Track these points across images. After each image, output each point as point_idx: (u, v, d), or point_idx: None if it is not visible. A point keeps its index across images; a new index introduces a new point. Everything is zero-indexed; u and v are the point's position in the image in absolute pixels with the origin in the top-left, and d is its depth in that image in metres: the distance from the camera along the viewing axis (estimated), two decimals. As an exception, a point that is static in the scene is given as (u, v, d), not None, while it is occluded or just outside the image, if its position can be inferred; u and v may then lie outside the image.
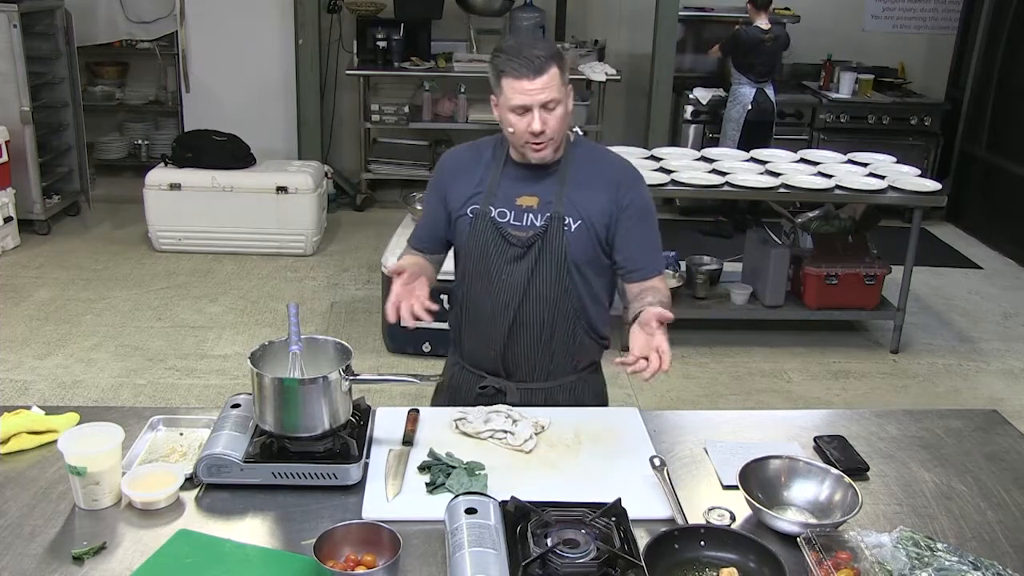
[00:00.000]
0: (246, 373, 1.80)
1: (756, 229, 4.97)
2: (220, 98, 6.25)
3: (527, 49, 1.98)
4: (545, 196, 2.11)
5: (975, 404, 4.11)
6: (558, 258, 2.10)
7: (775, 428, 2.08)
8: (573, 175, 2.13)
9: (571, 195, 2.11)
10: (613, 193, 2.12)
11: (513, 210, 2.12)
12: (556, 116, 2.01)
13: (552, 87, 1.98)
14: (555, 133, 2.03)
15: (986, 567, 1.52)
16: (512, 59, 1.98)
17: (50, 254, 5.47)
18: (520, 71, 1.97)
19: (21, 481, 1.76)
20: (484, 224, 2.12)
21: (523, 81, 1.97)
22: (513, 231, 2.11)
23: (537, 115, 1.99)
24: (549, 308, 2.14)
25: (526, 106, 1.98)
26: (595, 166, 2.16)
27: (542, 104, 1.98)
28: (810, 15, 6.78)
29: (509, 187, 2.13)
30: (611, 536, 1.57)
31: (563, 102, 2.02)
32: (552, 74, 1.98)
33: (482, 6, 6.28)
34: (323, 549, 1.49)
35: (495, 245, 2.12)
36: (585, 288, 2.15)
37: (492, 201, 2.13)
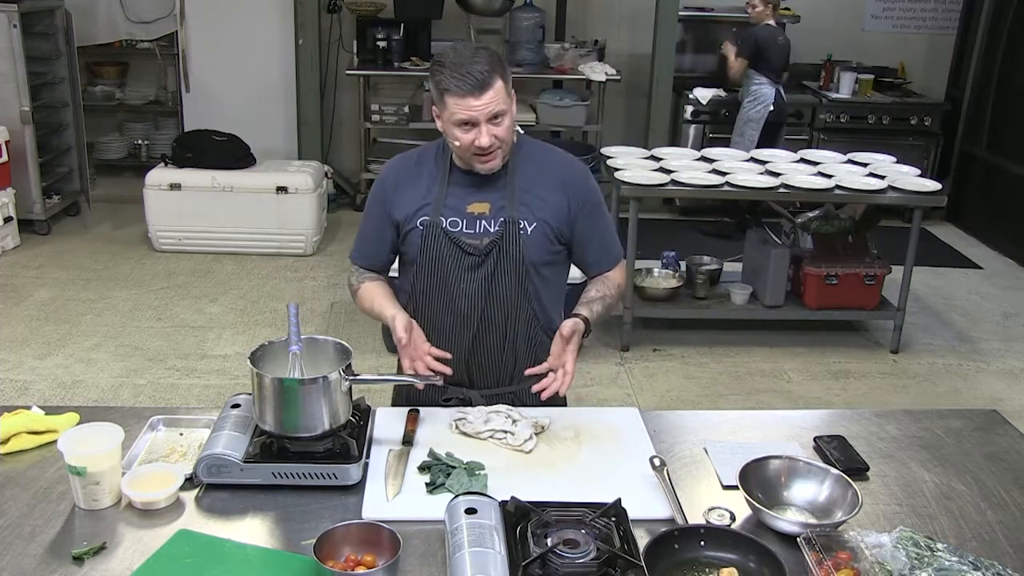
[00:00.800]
0: (246, 373, 1.80)
1: (756, 229, 4.97)
2: (220, 98, 6.25)
3: (468, 64, 1.93)
4: (496, 201, 2.09)
5: (975, 404, 4.11)
6: (516, 262, 2.08)
7: (775, 428, 2.08)
8: (522, 177, 2.10)
9: (522, 197, 2.09)
10: (566, 192, 2.11)
11: (464, 218, 2.09)
12: (503, 127, 1.99)
13: (498, 100, 1.95)
14: (502, 143, 2.01)
15: (986, 567, 1.52)
16: (454, 75, 1.93)
17: (50, 254, 5.48)
18: (464, 88, 1.92)
19: (21, 481, 1.76)
20: (436, 235, 2.08)
21: (468, 98, 1.93)
22: (467, 239, 2.08)
23: (484, 129, 1.96)
24: (510, 312, 2.12)
25: (472, 120, 1.95)
26: (543, 166, 2.13)
27: (488, 118, 1.95)
28: (810, 15, 6.78)
29: (458, 195, 2.10)
30: (611, 536, 1.57)
31: (509, 112, 1.99)
32: (497, 88, 1.95)
33: (482, 6, 6.28)
34: (323, 549, 1.49)
35: (450, 255, 2.09)
36: (543, 287, 2.15)
37: (442, 211, 2.09)
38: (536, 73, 6.38)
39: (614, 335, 4.62)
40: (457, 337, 2.13)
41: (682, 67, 6.77)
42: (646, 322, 4.75)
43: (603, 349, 4.54)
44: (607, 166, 4.64)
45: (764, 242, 4.73)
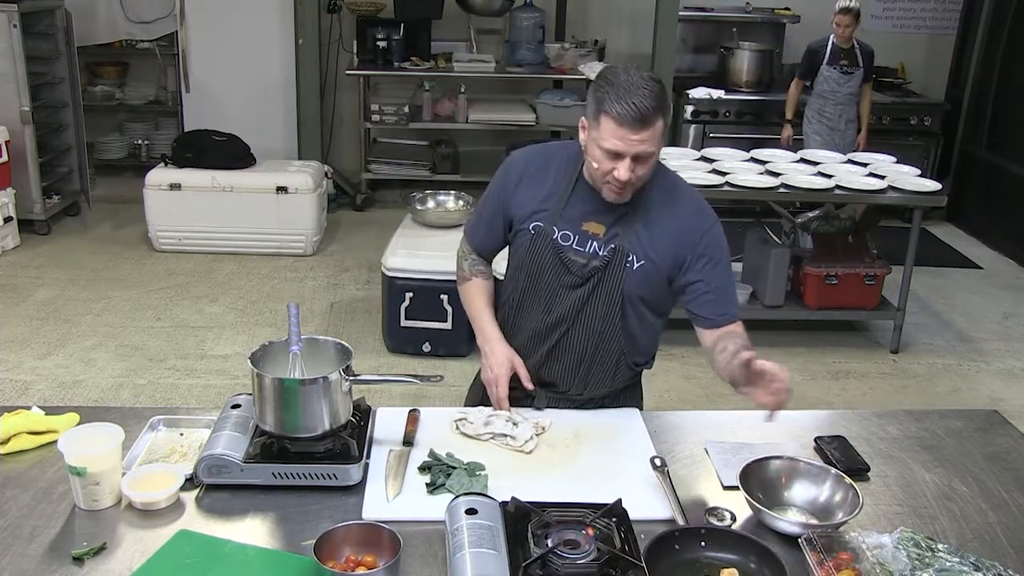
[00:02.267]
0: (246, 373, 1.79)
1: (756, 229, 4.97)
2: (220, 98, 6.24)
3: (638, 93, 1.81)
4: (613, 227, 2.01)
5: (975, 404, 4.11)
6: (613, 293, 2.02)
7: (775, 428, 2.08)
8: (645, 211, 2.00)
9: (640, 232, 2.00)
10: (687, 239, 2.00)
11: (577, 234, 2.02)
12: (647, 167, 1.89)
13: (652, 140, 1.85)
14: (639, 181, 1.92)
15: (987, 568, 1.52)
16: (621, 101, 1.81)
17: (50, 254, 5.47)
18: (625, 118, 1.81)
19: (21, 481, 1.76)
20: (545, 244, 2.03)
21: (625, 129, 1.82)
22: (574, 256, 2.02)
23: (627, 164, 1.86)
24: (594, 339, 2.07)
25: (620, 153, 1.85)
26: (670, 206, 2.02)
27: (636, 156, 1.85)
28: (810, 15, 6.77)
29: (577, 209, 2.02)
30: (612, 537, 1.57)
31: (656, 153, 1.89)
32: (656, 128, 1.84)
33: (482, 6, 6.28)
34: (323, 550, 1.49)
35: (552, 268, 2.04)
36: (637, 324, 2.08)
37: (556, 221, 2.03)
38: (536, 73, 6.37)
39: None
40: (537, 344, 2.09)
41: (682, 67, 6.77)
42: (646, 322, 4.74)
43: (603, 349, 4.53)
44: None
45: (764, 242, 4.72)
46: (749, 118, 6.43)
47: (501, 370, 2.04)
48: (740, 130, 6.36)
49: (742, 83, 6.52)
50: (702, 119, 6.43)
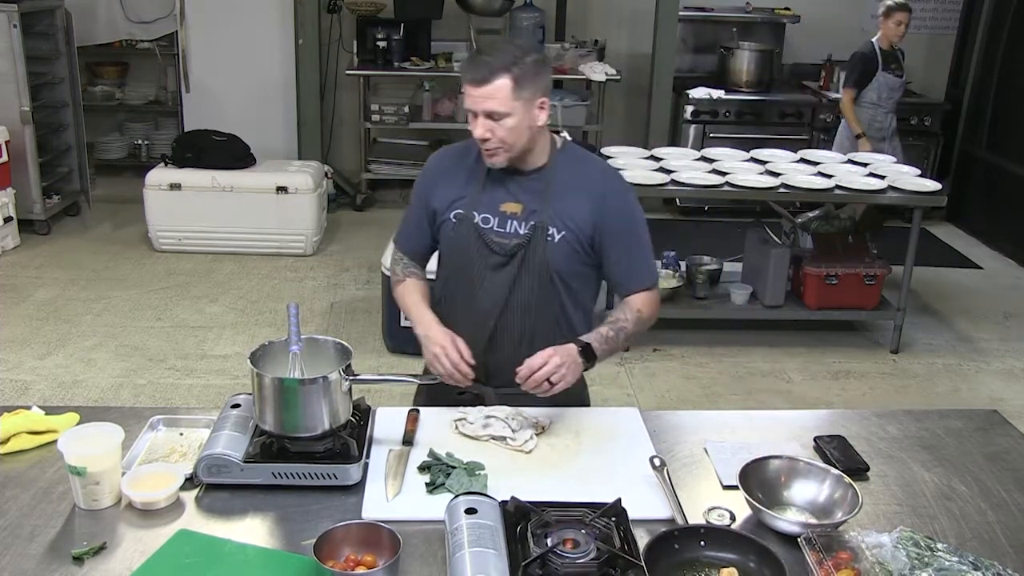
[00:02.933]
0: (246, 373, 1.80)
1: (756, 229, 4.97)
2: (220, 98, 6.24)
3: (483, 56, 1.98)
4: (529, 204, 2.09)
5: (975, 404, 4.11)
6: (540, 268, 2.07)
7: (775, 428, 2.08)
8: (558, 183, 2.09)
9: (555, 204, 2.08)
10: (598, 204, 2.09)
11: (497, 216, 2.09)
12: (504, 127, 1.98)
13: (497, 99, 1.95)
14: (503, 143, 2.00)
15: (986, 567, 1.52)
16: (466, 64, 2.00)
17: (50, 254, 5.47)
18: (467, 77, 1.98)
19: (21, 481, 1.76)
20: (467, 229, 2.10)
21: (470, 87, 1.98)
22: (496, 238, 2.09)
23: (480, 122, 1.98)
24: (530, 317, 2.11)
25: (472, 110, 1.99)
26: (581, 175, 2.12)
27: (486, 113, 1.97)
28: (810, 15, 6.78)
29: (493, 192, 2.10)
30: (611, 536, 1.57)
31: (515, 115, 1.97)
32: (497, 85, 1.94)
33: (482, 6, 6.28)
34: (323, 549, 1.49)
35: (478, 252, 2.10)
36: (568, 296, 2.13)
37: (476, 206, 2.10)
38: (536, 73, 6.36)
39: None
40: (477, 333, 2.11)
41: (682, 67, 6.77)
42: (646, 322, 4.74)
43: (603, 349, 4.53)
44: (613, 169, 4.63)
45: (764, 242, 4.73)
46: (749, 118, 6.43)
47: (444, 340, 2.03)
48: (740, 130, 6.36)
49: (742, 83, 6.53)
50: (702, 119, 6.44)
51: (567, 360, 1.96)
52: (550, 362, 1.94)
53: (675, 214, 6.70)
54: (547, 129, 2.10)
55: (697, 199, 6.16)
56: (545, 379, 1.94)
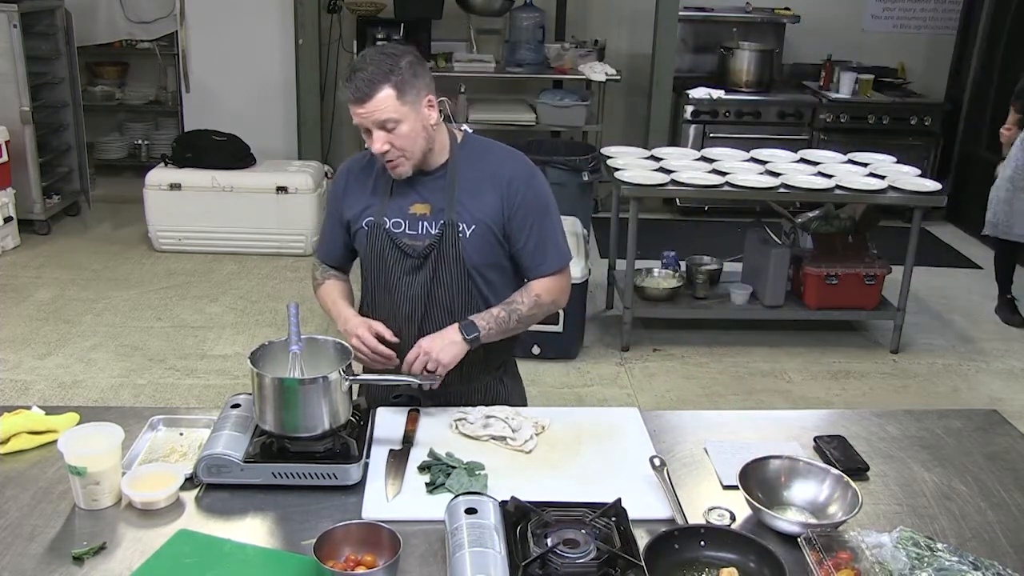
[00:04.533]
0: (246, 373, 1.80)
1: (756, 229, 4.97)
2: (220, 98, 6.24)
3: (359, 73, 1.94)
4: (437, 203, 2.08)
5: (975, 404, 4.11)
6: (456, 265, 2.07)
7: (775, 428, 2.08)
8: (462, 178, 2.09)
9: (462, 199, 2.07)
10: (503, 190, 2.08)
11: (407, 219, 2.09)
12: (401, 135, 1.97)
13: (384, 109, 1.94)
14: (404, 150, 1.99)
15: (986, 567, 1.52)
16: (347, 83, 1.97)
17: (50, 254, 5.47)
18: (351, 95, 1.96)
19: (21, 481, 1.76)
20: (379, 235, 2.10)
21: (354, 106, 1.96)
22: (409, 241, 2.09)
23: (375, 136, 1.97)
24: (453, 315, 2.10)
25: (364, 127, 1.98)
26: (483, 166, 2.11)
27: (377, 125, 1.96)
28: (810, 15, 6.78)
29: (401, 196, 2.10)
30: (611, 536, 1.57)
31: (407, 120, 1.96)
32: (381, 97, 1.93)
33: (482, 6, 6.28)
34: (323, 549, 1.49)
35: (392, 257, 2.10)
36: (489, 290, 2.13)
37: (385, 212, 2.10)
38: (536, 73, 6.37)
39: (614, 335, 4.61)
40: (402, 338, 2.09)
41: (682, 67, 6.77)
42: (646, 322, 4.75)
43: (603, 349, 4.54)
44: (607, 166, 4.64)
45: (764, 242, 4.72)
46: (749, 118, 6.43)
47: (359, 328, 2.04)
48: (740, 130, 6.36)
49: (742, 83, 6.52)
50: (702, 119, 6.44)
51: (437, 345, 2.00)
52: (420, 354, 2.00)
53: (675, 214, 6.70)
54: (443, 125, 2.11)
55: (697, 199, 6.16)
56: (423, 368, 1.99)
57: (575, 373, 4.29)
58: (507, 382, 2.30)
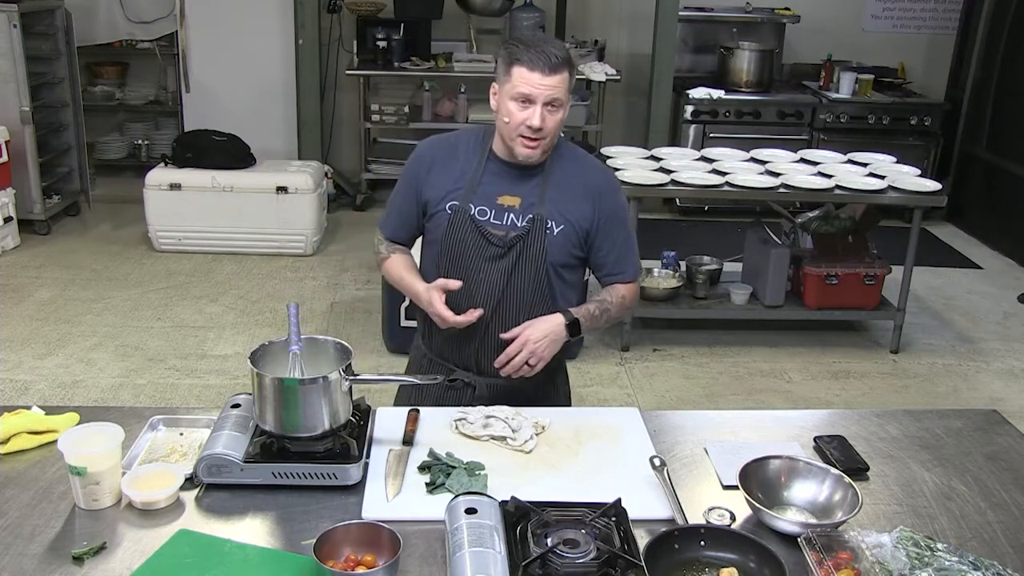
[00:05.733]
0: (246, 373, 1.80)
1: (756, 229, 4.97)
2: (220, 98, 6.25)
3: (546, 45, 2.02)
4: (527, 197, 2.12)
5: (975, 404, 4.11)
6: (538, 260, 2.11)
7: (775, 428, 2.08)
8: (556, 178, 2.14)
9: (553, 198, 2.12)
10: (595, 200, 2.15)
11: (494, 208, 2.13)
12: (556, 119, 2.04)
13: (561, 88, 2.01)
14: (550, 134, 2.06)
15: (986, 567, 1.52)
16: (530, 50, 2.00)
17: (50, 254, 5.47)
18: (536, 63, 1.99)
19: (21, 481, 1.76)
20: (463, 221, 2.12)
21: (536, 73, 1.99)
22: (493, 230, 2.12)
23: (539, 110, 2.01)
24: (525, 308, 2.15)
25: (531, 98, 2.00)
26: (577, 171, 2.17)
27: (547, 101, 2.01)
28: (810, 15, 6.78)
29: (491, 184, 2.14)
30: (611, 536, 1.57)
31: (564, 107, 2.05)
32: (563, 76, 2.01)
33: (482, 6, 6.28)
34: (323, 549, 1.49)
35: (474, 243, 2.12)
36: (560, 289, 2.17)
37: (472, 198, 2.13)
38: (536, 73, 6.36)
39: (614, 335, 4.61)
40: (473, 324, 2.12)
41: (682, 67, 6.77)
42: (646, 322, 4.75)
43: (603, 349, 4.54)
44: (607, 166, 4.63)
45: (764, 242, 4.73)
46: (749, 118, 6.43)
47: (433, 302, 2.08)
48: (740, 130, 6.36)
49: (742, 83, 6.52)
50: (702, 119, 6.44)
51: (543, 337, 2.06)
52: (525, 347, 2.04)
53: (675, 214, 6.70)
54: None
55: (697, 199, 6.15)
56: (523, 363, 2.04)
57: (575, 373, 4.27)
58: (557, 379, 2.33)
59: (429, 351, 2.29)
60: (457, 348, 2.21)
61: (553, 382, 2.30)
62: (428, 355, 2.29)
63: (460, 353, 2.21)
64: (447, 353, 2.24)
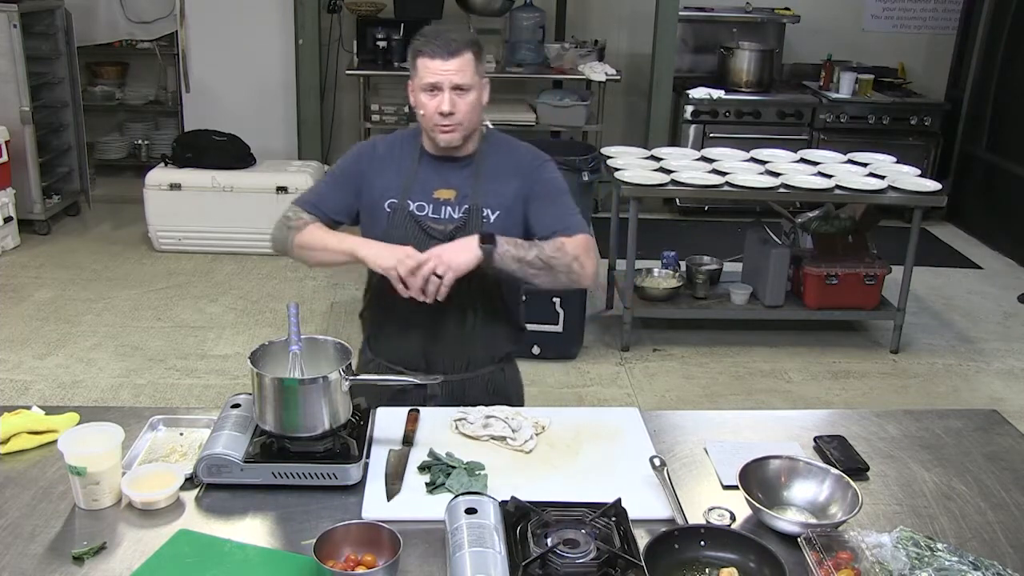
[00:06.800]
0: (246, 373, 1.80)
1: (756, 229, 4.97)
2: (220, 98, 6.24)
3: (447, 32, 2.08)
4: (462, 188, 2.15)
5: (975, 404, 4.11)
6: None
7: (775, 428, 2.08)
8: (487, 166, 2.18)
9: (487, 186, 2.15)
10: (525, 177, 2.17)
11: (431, 203, 2.15)
12: (467, 102, 2.07)
13: (464, 72, 2.05)
14: (464, 118, 2.08)
15: (986, 567, 1.52)
16: (430, 40, 2.06)
17: (50, 254, 5.47)
18: (435, 51, 2.04)
19: (21, 481, 1.76)
20: (403, 218, 2.14)
21: (437, 61, 2.04)
22: (433, 224, 2.14)
23: (447, 96, 2.05)
24: (471, 299, 2.16)
25: (437, 85, 2.05)
26: (506, 155, 2.20)
27: (453, 86, 2.05)
28: (810, 15, 6.78)
29: (425, 180, 2.17)
30: (611, 536, 1.57)
31: (475, 90, 2.09)
32: (466, 59, 2.05)
33: (482, 6, 6.28)
34: (323, 549, 1.49)
35: (416, 239, 2.12)
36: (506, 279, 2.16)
37: (409, 195, 2.15)
38: (536, 73, 6.37)
39: (614, 335, 4.62)
40: (417, 321, 2.13)
41: (682, 67, 6.77)
42: (646, 322, 4.75)
43: (603, 349, 4.54)
44: (607, 166, 4.64)
45: (764, 242, 4.73)
46: (749, 118, 6.43)
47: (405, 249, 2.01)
48: (740, 130, 6.36)
49: (742, 83, 6.52)
50: (702, 119, 6.43)
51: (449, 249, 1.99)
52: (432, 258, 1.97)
53: (675, 214, 6.70)
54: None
55: (697, 199, 6.15)
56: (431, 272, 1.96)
57: (575, 373, 4.29)
58: (508, 372, 2.33)
59: (376, 356, 2.28)
60: (405, 349, 2.21)
61: (503, 372, 2.31)
62: (375, 360, 2.28)
63: (408, 353, 2.21)
64: (395, 355, 2.24)
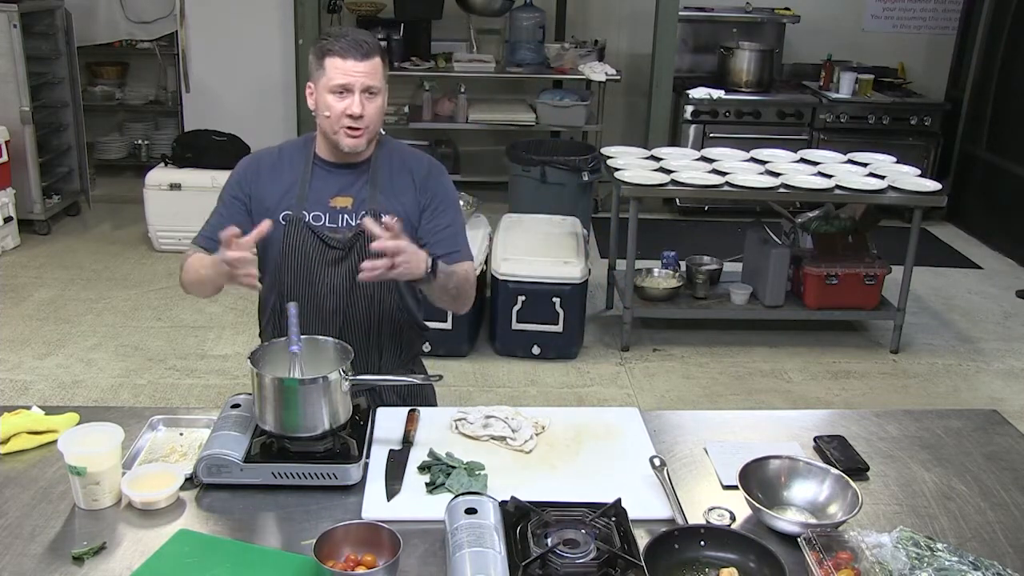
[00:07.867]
0: (246, 373, 1.80)
1: (756, 229, 4.97)
2: (220, 98, 6.25)
3: (355, 34, 2.06)
4: (358, 195, 2.14)
5: (975, 404, 4.11)
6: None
7: (775, 428, 2.08)
8: (382, 173, 2.17)
9: (384, 193, 2.15)
10: (418, 182, 2.18)
11: (327, 212, 2.13)
12: (375, 106, 2.06)
13: (375, 75, 2.04)
14: (371, 122, 2.07)
15: (986, 567, 1.52)
16: (340, 40, 2.03)
17: (50, 254, 5.47)
18: (348, 51, 2.01)
19: (21, 481, 1.76)
20: (299, 229, 2.12)
21: (349, 61, 2.01)
22: (331, 233, 2.12)
23: (358, 98, 2.03)
24: (374, 306, 2.17)
25: (348, 86, 2.02)
26: (401, 163, 2.20)
27: (364, 88, 2.03)
28: (810, 15, 6.78)
29: (320, 189, 2.14)
30: (611, 536, 1.57)
31: (382, 95, 2.08)
32: (376, 62, 2.04)
33: (482, 6, 6.28)
34: (323, 549, 1.49)
35: (314, 249, 2.12)
36: (405, 282, 2.16)
37: (304, 205, 2.12)
38: (536, 73, 6.37)
39: (614, 335, 4.61)
40: (323, 331, 2.08)
41: (682, 67, 6.77)
42: (646, 322, 4.75)
43: (603, 349, 4.54)
44: (607, 166, 4.64)
45: (764, 242, 4.72)
46: (749, 118, 6.43)
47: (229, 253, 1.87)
48: (740, 130, 6.36)
49: (742, 83, 6.52)
50: (702, 119, 6.43)
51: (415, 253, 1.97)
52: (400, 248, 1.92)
53: (675, 214, 6.70)
54: None
55: (697, 199, 6.16)
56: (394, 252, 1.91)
57: (575, 373, 4.29)
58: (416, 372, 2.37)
59: None
60: None
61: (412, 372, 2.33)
62: None
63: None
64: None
